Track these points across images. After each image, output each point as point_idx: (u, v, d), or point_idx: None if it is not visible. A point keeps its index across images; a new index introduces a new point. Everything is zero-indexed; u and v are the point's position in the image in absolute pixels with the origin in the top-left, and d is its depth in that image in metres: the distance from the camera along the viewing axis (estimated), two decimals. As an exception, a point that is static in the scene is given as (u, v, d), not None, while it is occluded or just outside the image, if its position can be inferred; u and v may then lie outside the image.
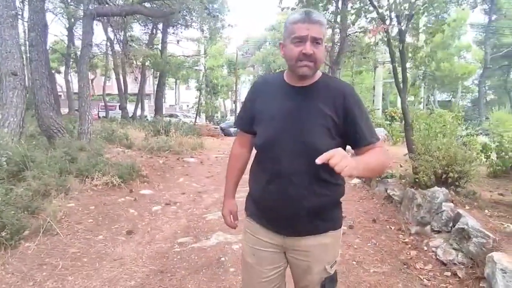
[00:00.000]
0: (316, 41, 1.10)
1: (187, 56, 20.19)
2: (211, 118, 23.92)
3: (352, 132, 1.15)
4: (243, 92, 33.82)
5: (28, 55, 5.81)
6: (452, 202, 3.28)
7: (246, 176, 1.41)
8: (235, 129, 15.66)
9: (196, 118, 19.09)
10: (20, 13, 11.35)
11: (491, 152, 4.90)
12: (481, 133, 5.29)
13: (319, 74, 1.21)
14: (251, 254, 1.28)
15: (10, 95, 4.65)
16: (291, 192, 1.14)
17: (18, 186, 3.57)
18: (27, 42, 7.07)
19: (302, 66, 1.11)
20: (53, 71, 17.29)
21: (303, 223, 1.17)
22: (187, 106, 40.44)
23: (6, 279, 2.37)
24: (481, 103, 22.31)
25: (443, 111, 6.41)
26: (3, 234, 2.63)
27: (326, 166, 1.06)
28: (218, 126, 17.43)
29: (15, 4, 5.05)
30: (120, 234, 3.32)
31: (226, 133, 15.94)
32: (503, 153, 4.59)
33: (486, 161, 4.79)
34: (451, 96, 25.53)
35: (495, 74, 25.19)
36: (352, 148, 1.21)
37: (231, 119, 26.43)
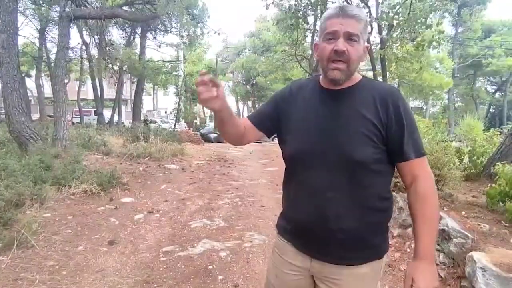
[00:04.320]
0: (351, 37, 0.96)
1: (166, 62, 19.91)
2: (191, 124, 23.63)
3: (395, 144, 0.99)
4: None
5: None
6: (431, 204, 3.41)
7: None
8: (215, 135, 15.56)
9: (175, 124, 18.77)
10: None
11: (463, 156, 5.16)
12: (454, 139, 5.56)
13: (358, 76, 1.06)
14: (274, 274, 1.16)
15: (-20, 99, 4.38)
16: (326, 211, 0.99)
17: (-11, 196, 3.35)
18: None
19: (332, 69, 0.98)
20: (23, 75, 16.50)
21: (337, 248, 1.01)
22: (165, 112, 39.80)
23: (-23, 296, 2.21)
24: (450, 110, 23.58)
25: (420, 118, 6.70)
26: (-27, 248, 2.44)
27: (369, 182, 0.98)
28: (198, 132, 17.23)
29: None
30: (101, 244, 3.18)
31: (206, 139, 15.77)
32: (475, 157, 4.84)
33: (459, 164, 5.03)
34: (423, 103, 26.77)
35: (462, 83, 26.75)
36: (393, 161, 1.03)
37: (210, 125, 26.24)
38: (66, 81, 7.64)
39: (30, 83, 21.53)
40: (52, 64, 15.79)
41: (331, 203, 0.99)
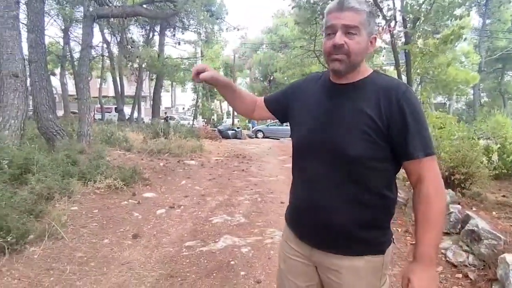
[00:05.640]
0: (349, 30, 0.95)
1: (184, 59, 20.14)
2: (209, 120, 23.86)
3: (400, 142, 0.96)
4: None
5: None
6: (459, 203, 3.30)
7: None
8: (233, 131, 15.66)
9: (193, 120, 19.00)
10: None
11: (492, 154, 4.95)
12: (482, 136, 5.34)
13: (369, 70, 1.05)
14: (283, 260, 1.20)
15: (11, 97, 4.59)
16: (319, 202, 1.02)
17: (21, 189, 3.51)
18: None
19: (333, 60, 0.99)
20: (48, 73, 17.11)
21: (333, 238, 1.03)
22: (183, 108, 40.36)
23: (13, 285, 2.32)
24: (476, 106, 22.62)
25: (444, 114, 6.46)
26: (8, 239, 2.57)
27: (364, 177, 0.98)
28: (216, 129, 17.37)
29: (16, 5, 4.99)
30: (126, 238, 3.27)
31: (223, 135, 15.89)
32: (505, 155, 4.63)
33: (488, 163, 4.83)
34: (446, 99, 25.82)
35: (489, 77, 25.57)
36: (398, 159, 1.00)
37: (228, 121, 26.40)
38: (88, 78, 7.85)
39: (55, 81, 22.33)
40: (76, 63, 16.37)
41: (323, 195, 1.01)
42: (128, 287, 2.39)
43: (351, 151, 0.96)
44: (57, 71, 20.05)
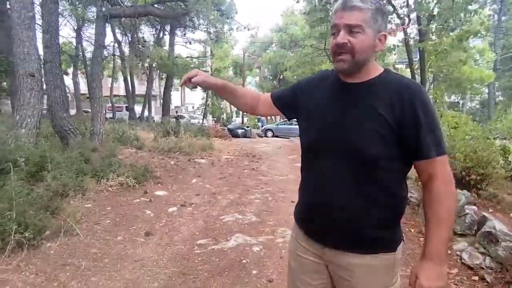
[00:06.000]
0: (351, 29, 0.95)
1: (194, 58, 20.25)
2: (218, 119, 23.94)
3: (412, 142, 0.95)
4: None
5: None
6: (474, 205, 3.23)
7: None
8: (242, 130, 15.67)
9: (203, 119, 19.11)
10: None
11: (509, 155, 4.83)
12: (498, 136, 5.22)
13: (379, 69, 1.04)
14: (293, 258, 1.20)
15: (28, 96, 4.69)
16: (331, 201, 1.02)
17: (37, 186, 3.59)
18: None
19: (337, 61, 0.99)
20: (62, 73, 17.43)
21: (345, 236, 1.03)
22: (192, 107, 40.60)
23: (30, 279, 2.37)
24: (490, 105, 22.10)
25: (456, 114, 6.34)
26: (26, 235, 2.63)
27: (377, 177, 0.98)
28: (226, 127, 17.42)
29: (32, 6, 5.09)
30: (138, 235, 3.31)
31: (233, 134, 15.92)
32: (523, 155, 4.50)
33: (504, 163, 4.72)
34: (459, 98, 25.29)
35: (505, 75, 24.92)
36: (410, 158, 1.00)
37: (237, 120, 26.45)
38: (100, 78, 7.96)
39: (67, 80, 22.77)
40: (88, 62, 16.66)
41: (336, 194, 1.01)
42: (142, 283, 2.42)
43: (364, 151, 0.96)
44: (70, 70, 20.42)
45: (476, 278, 2.50)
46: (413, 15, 4.09)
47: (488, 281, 2.42)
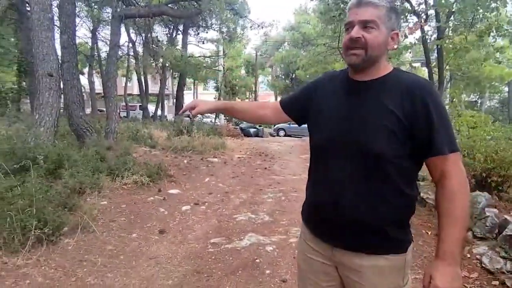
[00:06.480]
0: (366, 24, 0.96)
1: (207, 57, 20.37)
2: (231, 118, 24.00)
3: (424, 139, 0.94)
4: (261, 93, 33.82)
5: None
6: (495, 207, 3.13)
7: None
8: (254, 129, 15.66)
9: (215, 118, 19.22)
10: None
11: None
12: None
13: (389, 67, 1.04)
14: (302, 259, 1.19)
15: (46, 95, 4.82)
16: (342, 200, 1.00)
17: (56, 183, 3.68)
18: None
19: (350, 55, 0.99)
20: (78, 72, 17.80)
21: (354, 236, 1.01)
22: (205, 106, 40.78)
23: (50, 274, 2.44)
24: (510, 104, 21.38)
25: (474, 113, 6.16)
26: (46, 230, 2.70)
27: (388, 176, 0.96)
28: (238, 127, 17.46)
29: (51, 8, 5.22)
30: (153, 233, 3.35)
31: (245, 133, 15.95)
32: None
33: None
34: (477, 97, 24.56)
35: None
36: (422, 156, 0.99)
37: (249, 119, 26.38)
38: (115, 77, 8.09)
39: (83, 79, 23.25)
40: (103, 62, 16.99)
41: (347, 194, 0.99)
42: (156, 281, 2.45)
43: (376, 149, 0.95)
44: (85, 70, 20.87)
45: (497, 283, 2.42)
46: (431, 12, 3.98)
47: (508, 286, 2.34)
